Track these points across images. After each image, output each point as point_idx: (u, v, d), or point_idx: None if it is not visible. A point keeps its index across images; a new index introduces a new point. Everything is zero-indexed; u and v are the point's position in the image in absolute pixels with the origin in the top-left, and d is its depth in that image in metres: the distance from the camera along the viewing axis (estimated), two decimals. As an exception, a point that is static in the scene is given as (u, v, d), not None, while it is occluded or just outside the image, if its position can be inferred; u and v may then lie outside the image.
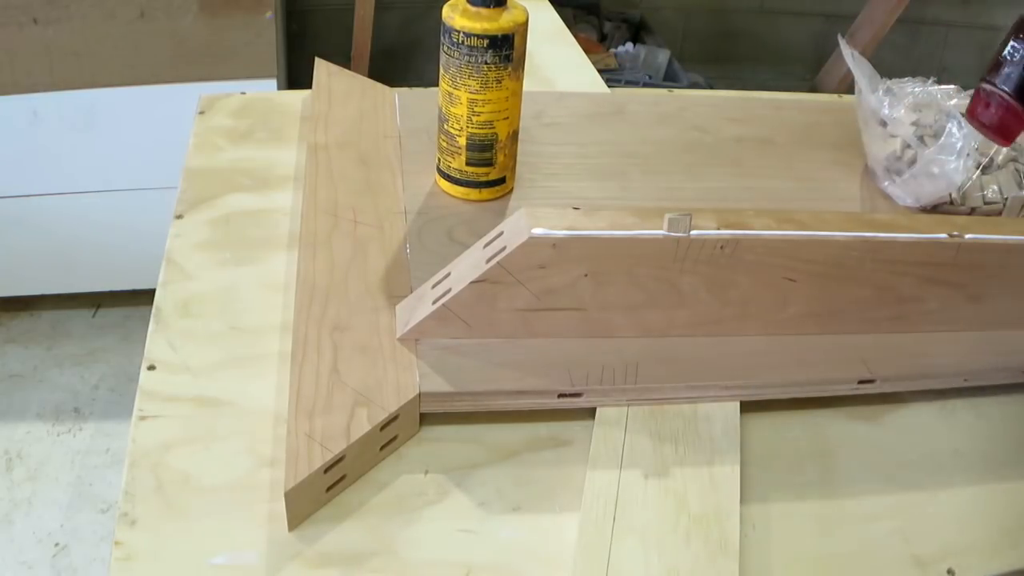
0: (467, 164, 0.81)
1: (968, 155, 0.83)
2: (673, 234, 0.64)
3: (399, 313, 0.69)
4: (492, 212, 0.82)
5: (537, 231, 0.62)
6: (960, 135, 0.83)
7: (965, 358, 0.72)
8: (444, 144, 0.81)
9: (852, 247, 0.67)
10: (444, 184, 0.83)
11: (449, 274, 0.67)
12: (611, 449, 0.64)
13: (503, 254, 0.63)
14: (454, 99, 0.78)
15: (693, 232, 0.64)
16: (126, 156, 1.59)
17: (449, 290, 0.66)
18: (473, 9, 0.75)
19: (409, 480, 0.63)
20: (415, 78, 2.01)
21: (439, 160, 0.83)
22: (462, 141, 0.80)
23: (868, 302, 0.70)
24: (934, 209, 0.87)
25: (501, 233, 0.65)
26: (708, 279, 0.67)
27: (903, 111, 0.87)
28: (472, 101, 0.78)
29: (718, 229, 0.64)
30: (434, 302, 0.66)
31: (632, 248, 0.64)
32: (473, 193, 0.82)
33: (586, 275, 0.65)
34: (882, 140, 0.89)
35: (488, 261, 0.64)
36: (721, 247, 0.64)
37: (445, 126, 0.80)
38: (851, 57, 0.90)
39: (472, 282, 0.64)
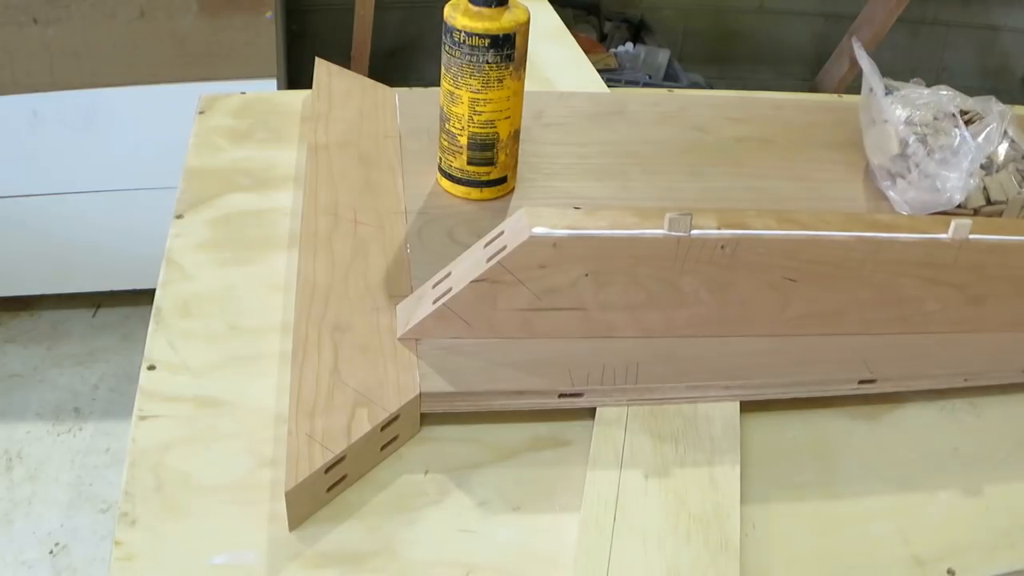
0: (468, 163, 0.81)
1: (972, 175, 0.82)
2: (674, 233, 0.64)
3: (400, 312, 0.69)
4: (493, 212, 0.82)
5: (538, 230, 0.62)
6: (965, 151, 0.83)
7: (965, 358, 0.72)
8: (445, 143, 0.81)
9: (853, 247, 0.67)
10: (445, 183, 0.83)
11: (450, 273, 0.67)
12: (611, 449, 0.64)
13: (504, 253, 0.63)
14: (455, 98, 0.78)
15: (694, 232, 0.64)
16: (126, 156, 1.59)
17: (449, 289, 0.66)
18: (475, 9, 0.75)
19: (409, 480, 0.63)
20: (415, 78, 2.01)
21: (440, 159, 0.83)
22: (463, 140, 0.80)
23: (869, 302, 0.70)
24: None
25: (502, 232, 0.65)
26: (709, 279, 0.67)
27: (917, 113, 0.87)
28: (473, 100, 0.78)
29: (719, 229, 0.64)
30: (434, 301, 0.66)
31: (633, 248, 0.64)
32: (474, 192, 0.82)
33: (587, 275, 0.65)
34: (886, 141, 0.89)
35: (489, 260, 0.64)
36: (722, 247, 0.64)
37: (447, 125, 0.80)
38: (865, 58, 0.90)
39: (472, 281, 0.64)
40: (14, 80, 1.48)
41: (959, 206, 0.85)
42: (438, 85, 0.81)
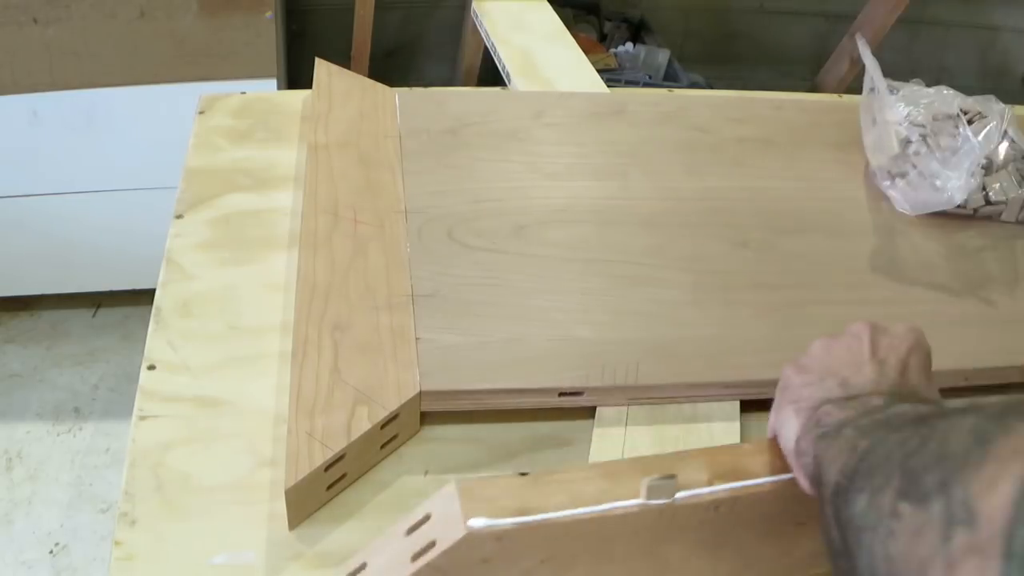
0: None
1: (973, 174, 0.82)
2: (653, 502, 0.50)
3: None
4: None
5: (475, 523, 0.47)
6: (967, 151, 0.83)
7: (966, 357, 0.72)
8: None
9: None
10: None
11: (364, 565, 0.51)
12: (611, 447, 0.64)
13: (433, 552, 0.48)
14: None
15: (679, 494, 0.51)
16: (126, 156, 1.59)
17: None
18: None
19: (409, 480, 0.63)
20: (415, 78, 2.01)
21: None
22: None
23: None
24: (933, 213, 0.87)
25: (427, 517, 0.49)
26: (700, 543, 0.54)
27: (919, 113, 0.87)
28: None
29: (710, 484, 0.51)
30: None
31: (601, 527, 0.50)
32: None
33: (543, 561, 0.51)
34: (886, 141, 0.89)
35: (415, 559, 0.49)
36: (716, 508, 0.52)
37: None
38: (868, 55, 0.90)
39: None
40: (14, 80, 1.48)
41: (959, 206, 0.85)
42: (438, 85, 0.81)
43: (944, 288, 0.79)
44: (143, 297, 1.55)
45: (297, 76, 1.76)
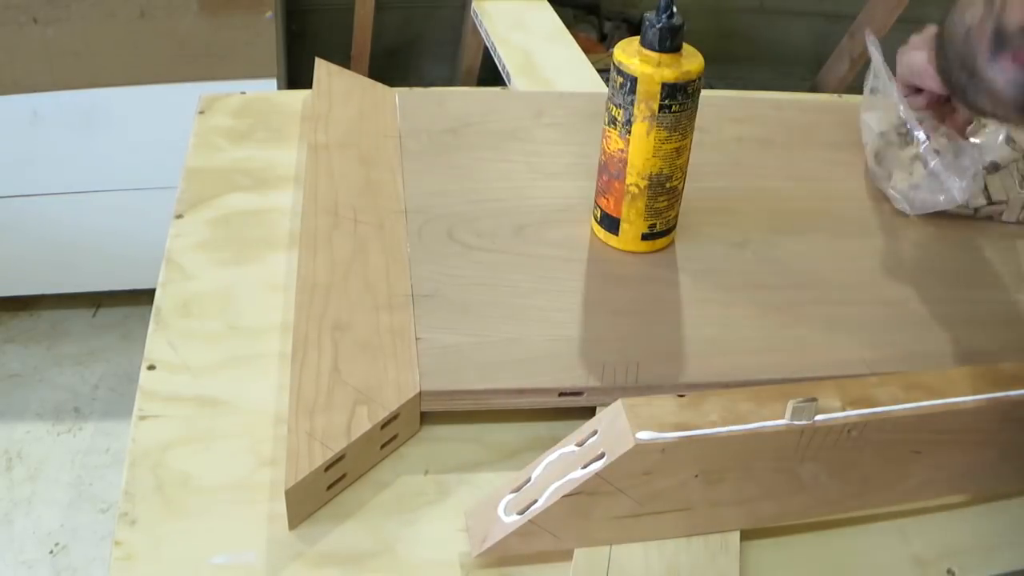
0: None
1: (975, 175, 0.82)
2: (796, 423, 0.57)
3: (470, 523, 0.60)
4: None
5: (643, 436, 0.55)
6: (969, 150, 0.83)
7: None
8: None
9: (984, 412, 0.61)
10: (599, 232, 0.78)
11: (529, 480, 0.58)
12: (612, 448, 0.64)
13: (602, 463, 0.55)
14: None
15: (818, 417, 0.58)
16: (126, 156, 1.59)
17: (534, 501, 0.57)
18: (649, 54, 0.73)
19: (409, 480, 0.63)
20: (415, 78, 2.01)
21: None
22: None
23: (994, 462, 0.64)
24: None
25: (595, 433, 0.57)
26: (830, 463, 0.60)
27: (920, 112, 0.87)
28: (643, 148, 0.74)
29: (844, 411, 0.58)
30: (519, 513, 0.58)
31: (750, 443, 0.57)
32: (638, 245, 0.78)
33: (697, 476, 0.58)
34: (888, 140, 0.89)
35: (584, 468, 0.56)
36: (849, 431, 0.58)
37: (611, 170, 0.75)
38: (876, 54, 0.89)
39: (565, 496, 0.56)
40: (14, 80, 1.48)
41: (960, 206, 0.85)
42: (438, 85, 0.81)
43: (944, 288, 0.79)
44: (143, 297, 1.56)
45: (297, 76, 1.77)
